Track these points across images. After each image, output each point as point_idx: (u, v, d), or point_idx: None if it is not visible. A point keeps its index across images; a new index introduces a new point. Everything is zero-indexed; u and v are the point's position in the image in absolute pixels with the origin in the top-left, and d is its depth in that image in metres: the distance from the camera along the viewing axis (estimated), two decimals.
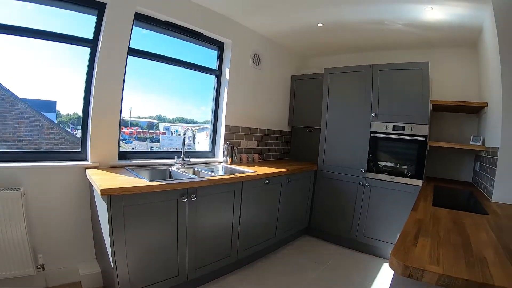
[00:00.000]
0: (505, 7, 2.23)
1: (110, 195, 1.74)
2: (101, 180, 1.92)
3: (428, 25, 2.97)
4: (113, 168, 2.40)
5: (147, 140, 3.08)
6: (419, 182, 3.02)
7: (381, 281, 2.81)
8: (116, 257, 1.83)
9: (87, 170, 2.22)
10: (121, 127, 2.62)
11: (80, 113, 2.39)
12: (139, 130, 3.02)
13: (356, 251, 3.42)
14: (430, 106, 2.99)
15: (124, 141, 2.88)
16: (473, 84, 3.35)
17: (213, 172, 2.95)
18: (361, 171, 3.38)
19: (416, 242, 1.29)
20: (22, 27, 2.04)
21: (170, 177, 2.69)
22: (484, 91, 3.05)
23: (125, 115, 2.78)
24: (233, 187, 2.55)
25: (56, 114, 2.41)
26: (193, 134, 2.74)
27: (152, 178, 2.34)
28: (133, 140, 3.00)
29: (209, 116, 3.46)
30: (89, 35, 2.32)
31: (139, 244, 1.94)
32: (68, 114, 2.49)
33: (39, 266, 2.09)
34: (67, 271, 2.26)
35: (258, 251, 2.99)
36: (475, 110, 3.15)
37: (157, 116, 3.22)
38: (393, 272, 1.39)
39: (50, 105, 2.38)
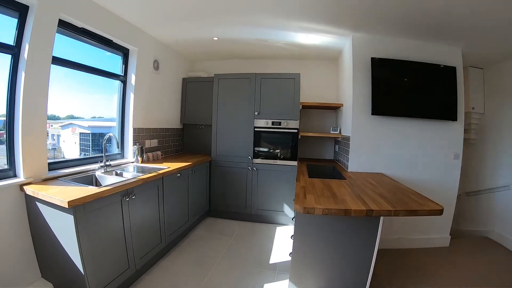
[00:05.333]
0: (359, 42, 3.45)
1: (75, 205, 1.90)
2: (55, 194, 1.99)
3: (302, 45, 3.95)
4: (47, 181, 2.37)
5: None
6: (295, 163, 4.06)
7: (278, 239, 3.75)
8: (85, 264, 2.00)
9: (25, 188, 2.16)
10: None
11: None
12: None
13: (253, 222, 4.27)
14: (300, 106, 4.03)
15: None
16: (333, 88, 4.65)
17: (133, 172, 3.19)
18: (249, 158, 4.19)
19: (305, 197, 2.18)
20: None
21: (97, 182, 2.79)
22: (340, 94, 4.28)
23: None
24: (157, 183, 2.91)
25: None
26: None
27: (90, 185, 2.45)
28: None
29: (73, 110, 3.12)
30: (8, 40, 2.15)
31: (98, 246, 2.13)
32: None
33: None
34: None
35: (179, 234, 3.46)
36: (334, 108, 4.40)
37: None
38: (294, 217, 2.43)
39: None
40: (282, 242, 3.66)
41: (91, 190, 2.12)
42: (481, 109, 4.10)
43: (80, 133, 3.23)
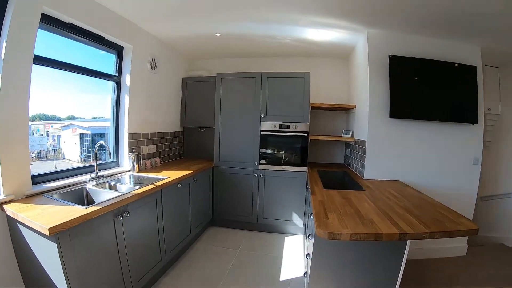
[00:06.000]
0: (375, 38, 3.17)
1: (57, 232, 1.61)
2: (35, 217, 1.69)
3: (312, 41, 3.65)
4: (30, 197, 2.07)
5: None
6: (304, 169, 3.77)
7: (288, 251, 3.48)
8: None
9: (4, 207, 1.86)
10: None
11: None
12: None
13: (260, 232, 3.98)
14: (310, 108, 3.73)
15: None
16: (343, 88, 4.35)
17: (128, 183, 2.91)
18: (254, 164, 3.90)
19: (327, 217, 1.89)
20: None
21: (88, 197, 2.50)
22: (353, 95, 3.99)
23: None
24: (154, 196, 2.62)
25: None
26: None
27: (77, 203, 2.16)
28: None
29: (74, 111, 2.97)
30: None
31: (89, 273, 1.86)
32: None
33: None
34: None
35: (181, 249, 3.18)
36: (345, 109, 4.10)
37: None
38: (312, 239, 2.11)
39: None
40: (292, 255, 3.38)
41: (78, 211, 1.82)
42: (497, 110, 3.83)
43: (81, 133, 3.09)
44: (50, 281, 1.76)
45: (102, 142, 2.59)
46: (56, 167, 2.76)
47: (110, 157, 2.57)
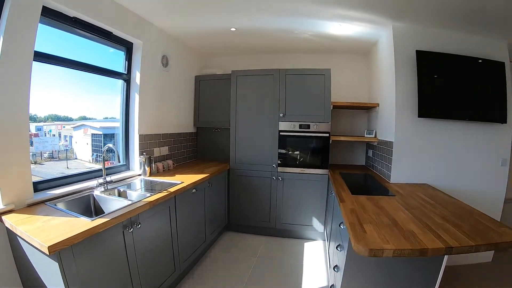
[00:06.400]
0: (401, 32, 2.91)
1: (59, 250, 1.42)
2: (35, 231, 1.50)
3: (332, 36, 3.40)
4: (31, 207, 1.89)
5: None
6: (325, 171, 3.52)
7: (308, 258, 3.26)
8: None
9: (3, 218, 1.69)
10: None
11: None
12: None
13: (278, 237, 3.76)
14: (331, 107, 3.48)
15: None
16: (363, 86, 4.08)
17: (139, 189, 2.73)
18: (273, 166, 3.67)
19: (364, 229, 1.66)
20: None
21: (95, 205, 2.32)
22: (374, 93, 3.72)
23: None
24: (168, 204, 2.42)
25: None
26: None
27: (83, 212, 2.00)
28: None
29: (85, 111, 2.89)
30: None
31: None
32: None
33: None
34: None
35: (194, 258, 2.98)
36: (366, 108, 3.84)
37: None
38: (342, 251, 1.93)
39: None
40: (313, 263, 3.15)
41: (82, 224, 1.63)
42: None
43: (92, 134, 3.02)
44: None
45: (110, 145, 2.42)
46: (68, 167, 2.68)
47: (119, 162, 2.37)
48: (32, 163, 2.23)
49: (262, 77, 3.66)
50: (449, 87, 2.83)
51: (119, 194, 2.52)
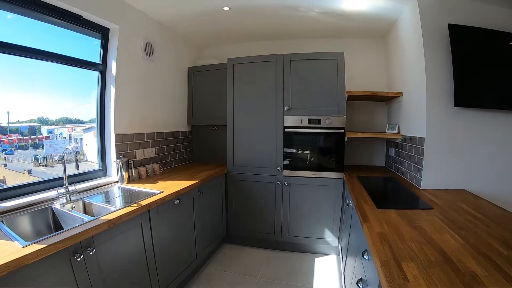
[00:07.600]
0: (428, 4, 2.33)
1: None
2: None
3: (343, 14, 2.85)
4: None
5: (30, 147, 2.31)
6: (340, 175, 2.99)
7: (320, 277, 2.76)
8: None
9: None
10: None
11: None
12: (20, 137, 2.23)
13: (284, 251, 3.25)
14: (346, 97, 2.93)
15: (3, 152, 2.11)
16: (380, 73, 3.50)
17: (109, 201, 2.24)
18: (278, 169, 3.14)
19: (403, 273, 1.08)
20: None
21: (54, 221, 1.86)
22: (395, 80, 3.16)
23: (2, 121, 2.02)
24: (139, 220, 1.93)
25: None
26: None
27: (32, 232, 1.55)
28: (14, 149, 2.20)
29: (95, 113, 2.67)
30: None
31: None
32: None
33: None
34: None
35: (181, 282, 2.47)
36: (386, 99, 3.27)
37: (38, 118, 2.34)
38: None
39: None
40: (325, 282, 2.64)
41: (12, 251, 1.18)
42: None
43: None
44: None
45: (69, 147, 1.95)
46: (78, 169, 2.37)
47: (77, 169, 1.92)
48: (43, 165, 2.32)
49: (263, 64, 3.12)
50: (490, 69, 2.25)
51: (84, 208, 2.06)
